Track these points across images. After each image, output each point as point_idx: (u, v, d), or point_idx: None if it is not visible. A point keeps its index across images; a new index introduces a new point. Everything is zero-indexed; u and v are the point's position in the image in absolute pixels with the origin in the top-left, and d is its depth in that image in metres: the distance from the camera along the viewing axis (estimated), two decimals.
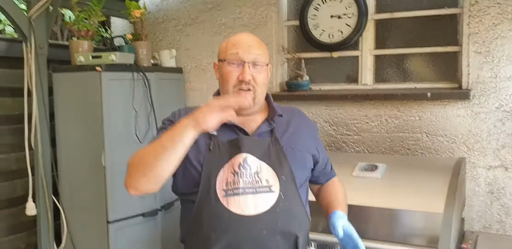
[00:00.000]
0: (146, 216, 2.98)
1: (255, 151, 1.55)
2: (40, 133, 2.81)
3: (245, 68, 1.56)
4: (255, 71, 1.58)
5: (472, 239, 2.38)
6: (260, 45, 1.64)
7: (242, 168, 1.51)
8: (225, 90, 1.60)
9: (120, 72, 2.86)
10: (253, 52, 1.58)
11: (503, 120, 2.69)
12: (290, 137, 1.65)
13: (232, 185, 1.49)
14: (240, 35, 1.67)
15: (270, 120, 1.64)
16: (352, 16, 3.10)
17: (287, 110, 1.75)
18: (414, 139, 2.91)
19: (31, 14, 2.76)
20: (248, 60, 1.56)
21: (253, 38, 1.65)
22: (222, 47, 1.65)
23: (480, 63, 2.73)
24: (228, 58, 1.58)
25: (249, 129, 1.60)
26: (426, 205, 2.09)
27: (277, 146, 1.58)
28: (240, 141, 1.55)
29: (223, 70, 1.60)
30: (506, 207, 2.70)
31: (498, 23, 2.69)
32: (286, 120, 1.69)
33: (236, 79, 1.56)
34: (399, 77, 3.11)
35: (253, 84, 1.57)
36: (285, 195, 1.52)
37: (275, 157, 1.56)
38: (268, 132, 1.62)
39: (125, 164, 2.88)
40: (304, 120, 1.78)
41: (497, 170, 2.71)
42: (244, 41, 1.61)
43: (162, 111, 3.11)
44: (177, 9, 3.60)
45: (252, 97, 1.57)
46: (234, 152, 1.53)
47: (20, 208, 2.89)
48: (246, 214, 1.47)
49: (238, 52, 1.57)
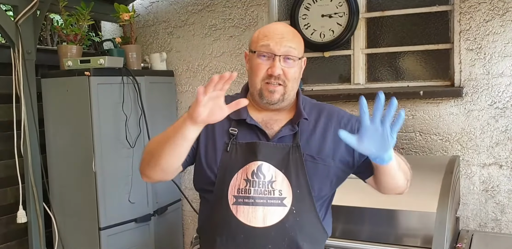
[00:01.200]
0: (138, 222, 2.95)
1: (272, 158, 1.48)
2: (29, 140, 2.78)
3: (275, 62, 1.46)
4: (287, 66, 1.47)
5: (467, 238, 2.35)
6: (294, 36, 1.51)
7: (255, 177, 1.46)
8: (254, 83, 1.52)
9: (109, 76, 2.83)
10: (286, 45, 1.46)
11: (496, 118, 2.66)
12: (314, 142, 1.53)
13: (244, 193, 1.46)
14: (274, 24, 1.56)
15: (294, 123, 1.53)
16: (343, 15, 3.08)
17: (315, 107, 1.61)
18: (408, 138, 2.88)
19: (18, 20, 2.74)
20: (279, 53, 1.46)
21: (288, 29, 1.52)
22: (254, 37, 1.53)
23: (472, 60, 2.71)
24: (258, 50, 1.48)
25: (271, 131, 1.53)
26: (420, 204, 2.07)
27: (297, 153, 1.49)
28: (258, 147, 1.48)
29: (253, 62, 1.50)
30: (501, 204, 2.67)
31: (489, 20, 2.66)
32: (313, 122, 1.57)
33: (266, 72, 1.47)
34: (391, 76, 3.09)
35: (283, 79, 1.47)
36: (297, 209, 1.47)
37: (293, 166, 1.48)
38: (291, 135, 1.52)
39: (115, 169, 2.89)
40: (332, 120, 1.58)
41: (491, 168, 2.68)
42: (277, 32, 1.49)
43: (153, 115, 3.09)
44: (167, 12, 3.58)
45: (281, 93, 1.49)
46: (250, 159, 1.48)
47: (11, 216, 2.87)
48: (253, 225, 1.43)
49: (269, 44, 1.46)
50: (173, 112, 3.45)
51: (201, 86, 1.26)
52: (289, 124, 1.53)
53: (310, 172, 1.49)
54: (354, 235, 2.10)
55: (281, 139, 1.51)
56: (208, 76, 3.45)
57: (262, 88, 1.49)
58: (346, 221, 2.15)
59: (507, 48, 2.63)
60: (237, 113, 1.50)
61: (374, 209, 2.09)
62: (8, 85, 2.80)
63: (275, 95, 1.48)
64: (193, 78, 3.52)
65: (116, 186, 2.85)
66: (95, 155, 2.75)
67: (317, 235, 1.54)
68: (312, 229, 1.51)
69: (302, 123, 1.54)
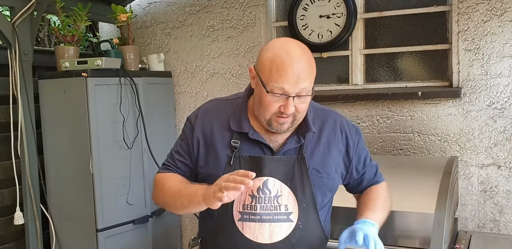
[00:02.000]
0: (136, 223, 2.95)
1: (277, 172, 1.46)
2: (26, 141, 2.77)
3: (288, 102, 1.37)
4: (300, 102, 1.40)
5: (466, 239, 2.34)
6: (309, 72, 1.39)
7: (261, 193, 1.44)
8: (262, 114, 1.44)
9: (107, 77, 2.83)
10: (301, 87, 1.36)
11: (495, 118, 2.65)
12: (319, 155, 1.51)
13: (249, 209, 1.44)
14: (289, 56, 1.36)
15: (300, 135, 1.49)
16: (341, 15, 3.08)
17: (319, 114, 1.57)
18: (406, 139, 2.88)
19: (15, 20, 2.73)
20: (294, 94, 1.37)
21: (304, 64, 1.37)
22: (265, 68, 1.38)
23: (470, 61, 2.70)
24: (271, 91, 1.37)
25: (275, 144, 1.49)
26: (418, 205, 2.06)
27: (303, 166, 1.47)
28: (262, 162, 1.45)
29: (264, 98, 1.40)
30: (499, 205, 2.67)
31: (487, 20, 2.66)
32: (317, 131, 1.53)
33: (278, 109, 1.39)
34: (389, 76, 3.08)
35: (294, 113, 1.41)
36: (304, 224, 1.47)
37: (299, 179, 1.46)
38: (297, 147, 1.49)
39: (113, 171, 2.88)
40: (336, 130, 1.56)
41: (490, 168, 2.68)
42: (293, 72, 1.35)
43: (151, 116, 3.09)
44: (164, 12, 3.57)
45: (291, 121, 1.43)
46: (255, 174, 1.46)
47: (8, 218, 2.86)
48: (260, 241, 1.43)
49: (283, 87, 1.35)
50: (171, 114, 3.44)
51: (225, 182, 1.24)
52: (295, 135, 1.50)
53: (315, 185, 1.48)
54: None
55: (286, 151, 1.49)
56: (206, 77, 3.45)
57: (271, 120, 1.43)
58: (345, 222, 2.11)
59: (505, 49, 2.62)
60: (239, 126, 1.48)
61: None
62: (5, 86, 2.79)
63: (284, 126, 1.44)
64: (191, 79, 3.51)
65: (114, 188, 2.85)
66: (92, 156, 2.74)
67: (321, 244, 1.55)
68: (317, 241, 1.52)
69: (308, 135, 1.51)
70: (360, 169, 1.63)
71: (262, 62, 1.40)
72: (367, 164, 1.66)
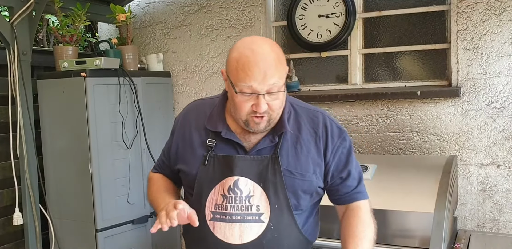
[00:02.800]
0: (135, 223, 2.94)
1: (250, 172, 1.44)
2: (25, 141, 2.77)
3: (259, 100, 1.35)
4: (272, 99, 1.37)
5: (465, 238, 2.35)
6: (277, 67, 1.35)
7: (232, 193, 1.43)
8: (238, 115, 1.42)
9: (106, 77, 2.83)
10: (269, 83, 1.33)
11: (494, 117, 2.66)
12: (294, 155, 1.46)
13: (220, 209, 1.43)
14: (253, 55, 1.35)
15: (275, 134, 1.46)
16: (340, 15, 3.08)
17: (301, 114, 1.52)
18: (405, 138, 2.88)
19: (13, 21, 2.72)
20: (263, 92, 1.34)
21: (269, 60, 1.35)
22: (232, 68, 1.37)
23: (469, 60, 2.70)
24: (240, 90, 1.36)
25: (249, 143, 1.48)
26: (417, 205, 2.06)
27: (276, 166, 1.43)
28: (234, 161, 1.44)
29: (234, 98, 1.39)
30: (499, 204, 2.67)
31: (486, 19, 2.66)
32: (296, 131, 1.49)
33: (250, 108, 1.38)
34: (388, 76, 3.08)
35: (268, 111, 1.39)
36: (276, 225, 1.43)
37: (272, 180, 1.43)
38: (272, 147, 1.46)
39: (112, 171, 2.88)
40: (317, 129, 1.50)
41: (489, 168, 2.68)
42: (258, 70, 1.32)
43: (150, 116, 3.08)
44: (163, 12, 3.57)
45: (267, 120, 1.41)
46: (226, 173, 1.44)
47: (7, 218, 2.86)
48: (230, 242, 1.41)
49: (251, 86, 1.33)
50: (170, 113, 3.44)
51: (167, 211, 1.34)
52: (270, 135, 1.47)
53: (288, 186, 1.44)
54: None
55: (260, 150, 1.46)
56: (205, 77, 3.45)
57: (248, 120, 1.41)
58: None
59: (504, 48, 2.62)
60: (214, 125, 1.48)
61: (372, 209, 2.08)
62: (4, 86, 2.79)
63: (261, 125, 1.42)
64: (190, 79, 3.50)
65: (113, 188, 2.84)
66: (91, 156, 2.74)
67: (298, 246, 1.51)
68: (292, 242, 1.48)
69: (285, 134, 1.47)
70: (336, 174, 1.52)
71: (229, 62, 1.39)
72: (347, 172, 1.52)
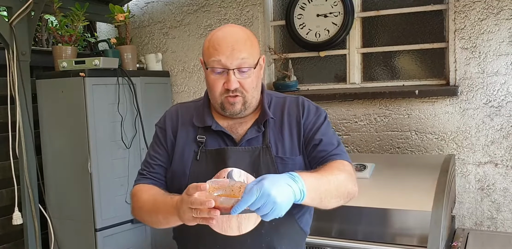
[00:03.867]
0: (134, 223, 2.94)
1: (242, 163, 1.44)
2: (24, 141, 2.77)
3: (229, 76, 1.39)
4: (242, 77, 1.41)
5: (463, 236, 2.35)
6: (245, 43, 1.41)
7: None
8: (213, 97, 1.46)
9: (105, 77, 2.83)
10: (238, 57, 1.38)
11: (491, 116, 2.66)
12: (282, 142, 1.48)
13: None
14: (222, 31, 1.43)
15: (260, 124, 1.48)
16: (338, 14, 3.08)
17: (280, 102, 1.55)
18: (404, 137, 2.88)
19: (12, 21, 2.73)
20: (232, 67, 1.39)
21: (237, 36, 1.42)
22: (204, 48, 1.45)
23: (467, 59, 2.71)
24: (211, 66, 1.41)
25: (236, 135, 1.49)
26: (415, 203, 2.07)
27: (268, 154, 1.45)
28: (226, 153, 1.45)
29: (208, 77, 1.45)
30: (496, 203, 2.68)
31: (483, 18, 2.67)
32: (279, 119, 1.52)
33: (222, 87, 1.42)
34: (387, 75, 3.09)
35: (241, 91, 1.42)
36: None
37: (265, 169, 1.43)
38: (260, 136, 1.48)
39: (111, 170, 2.88)
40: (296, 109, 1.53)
41: (487, 166, 2.68)
42: (226, 43, 1.39)
43: (149, 116, 3.08)
44: (162, 12, 3.58)
45: (242, 103, 1.44)
46: (220, 166, 1.44)
47: (7, 218, 2.86)
48: (229, 234, 1.39)
49: (220, 60, 1.38)
50: None
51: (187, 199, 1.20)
52: (255, 125, 1.49)
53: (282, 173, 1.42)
54: (349, 235, 2.10)
55: (250, 141, 1.48)
56: (203, 77, 3.41)
57: (223, 102, 1.45)
58: (341, 221, 2.15)
59: (502, 47, 2.63)
60: (202, 121, 1.50)
61: (369, 208, 2.09)
62: (3, 86, 2.80)
63: (236, 106, 1.44)
64: (188, 79, 3.51)
65: (112, 187, 2.85)
66: (90, 156, 2.74)
67: (294, 236, 1.52)
68: (289, 231, 1.49)
69: (269, 122, 1.50)
70: (311, 135, 1.50)
71: (204, 46, 1.46)
72: (319, 138, 1.49)
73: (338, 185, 1.32)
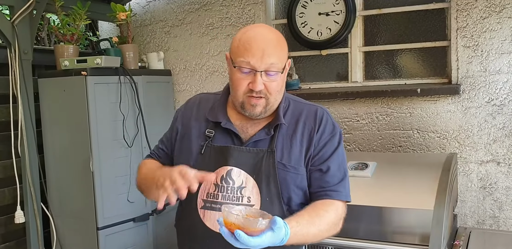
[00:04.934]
0: (136, 221, 2.95)
1: (244, 163, 1.44)
2: (27, 140, 2.77)
3: (256, 78, 1.39)
4: (269, 80, 1.41)
5: (465, 235, 2.35)
6: (276, 48, 1.42)
7: (224, 182, 1.44)
8: (235, 95, 1.46)
9: (106, 76, 2.84)
10: (267, 62, 1.39)
11: (494, 115, 2.66)
12: (289, 149, 1.47)
13: (212, 198, 1.44)
14: (255, 32, 1.43)
15: (271, 127, 1.48)
16: (340, 13, 3.08)
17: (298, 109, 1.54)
18: (405, 136, 2.88)
19: (14, 19, 2.73)
20: (260, 69, 1.39)
21: (269, 40, 1.42)
22: (234, 46, 1.44)
23: (469, 58, 2.70)
24: (239, 65, 1.41)
25: (245, 135, 1.50)
26: (417, 202, 2.06)
27: (271, 159, 1.45)
28: (229, 151, 1.46)
29: (233, 75, 1.44)
30: (499, 202, 2.67)
31: (486, 17, 2.66)
32: (293, 126, 1.51)
33: (247, 87, 1.42)
34: (388, 73, 3.08)
35: (265, 93, 1.42)
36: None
37: (265, 173, 1.43)
38: (268, 140, 1.48)
39: (113, 169, 2.89)
40: (313, 122, 1.51)
41: (489, 165, 2.68)
42: (257, 45, 1.39)
43: (150, 115, 3.09)
44: (163, 11, 3.58)
45: (263, 105, 1.44)
46: (221, 163, 1.45)
47: (9, 217, 2.87)
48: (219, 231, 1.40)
49: (249, 62, 1.38)
50: (171, 112, 3.44)
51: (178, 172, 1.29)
52: (266, 128, 1.49)
53: (281, 180, 1.44)
54: (351, 233, 2.09)
55: (256, 143, 1.47)
56: (205, 76, 3.45)
57: (244, 102, 1.45)
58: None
59: (504, 45, 2.62)
60: (215, 116, 1.50)
61: (371, 207, 2.09)
62: (5, 85, 2.80)
63: (257, 108, 1.45)
64: (190, 78, 3.51)
65: (114, 186, 2.85)
66: (92, 155, 2.74)
67: None
68: None
69: (280, 127, 1.49)
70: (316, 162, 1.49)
71: (233, 43, 1.46)
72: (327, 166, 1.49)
73: (319, 234, 1.38)
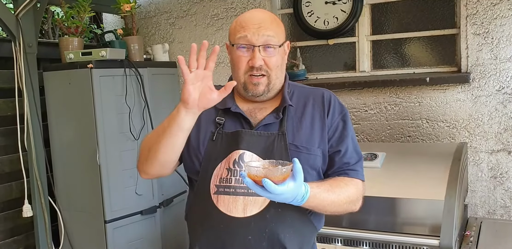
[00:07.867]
0: (144, 214, 2.94)
1: (255, 147, 1.44)
2: (33, 134, 2.77)
3: (255, 53, 1.42)
4: (267, 55, 1.43)
5: (476, 225, 2.33)
6: (272, 23, 1.46)
7: (237, 166, 1.43)
8: (237, 76, 1.48)
9: (112, 68, 2.81)
10: (264, 34, 1.42)
11: (505, 103, 2.61)
12: (300, 131, 1.48)
13: (225, 182, 1.43)
14: (250, 12, 1.50)
15: (279, 110, 1.49)
16: (347, 1, 3.04)
17: (304, 93, 1.56)
18: (414, 126, 2.84)
19: (18, 13, 2.71)
20: (258, 43, 1.42)
21: (264, 16, 1.47)
22: (231, 28, 1.49)
23: (479, 45, 2.66)
24: (236, 43, 1.44)
25: (255, 119, 1.50)
26: (427, 192, 2.04)
27: (282, 141, 1.44)
28: (240, 135, 1.45)
29: (233, 55, 1.47)
30: (510, 191, 2.64)
31: (496, 3, 2.61)
32: (301, 108, 1.52)
33: (247, 65, 1.44)
34: (397, 62, 3.05)
35: (265, 69, 1.44)
36: None
37: (278, 155, 1.42)
38: (277, 123, 1.48)
39: (120, 162, 2.87)
40: (321, 104, 1.52)
41: (500, 154, 2.64)
42: (253, 21, 1.44)
43: (156, 107, 3.07)
44: (168, 2, 3.54)
45: (266, 84, 1.46)
46: (233, 148, 1.45)
47: (17, 211, 2.87)
48: (233, 215, 1.40)
49: (246, 36, 1.42)
50: (177, 104, 3.42)
51: (181, 56, 1.31)
52: (274, 112, 1.50)
53: None
54: (361, 224, 2.08)
55: (266, 127, 1.48)
56: None
57: (246, 82, 1.47)
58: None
59: None
60: (223, 103, 1.49)
61: (381, 197, 2.07)
62: (10, 79, 2.79)
63: (259, 87, 1.46)
64: None
65: (121, 179, 2.84)
66: (99, 148, 2.73)
67: (302, 228, 1.48)
68: (296, 222, 1.46)
69: (288, 110, 1.50)
70: (333, 144, 1.51)
71: (230, 27, 1.51)
72: (344, 145, 1.51)
73: (338, 204, 1.40)
